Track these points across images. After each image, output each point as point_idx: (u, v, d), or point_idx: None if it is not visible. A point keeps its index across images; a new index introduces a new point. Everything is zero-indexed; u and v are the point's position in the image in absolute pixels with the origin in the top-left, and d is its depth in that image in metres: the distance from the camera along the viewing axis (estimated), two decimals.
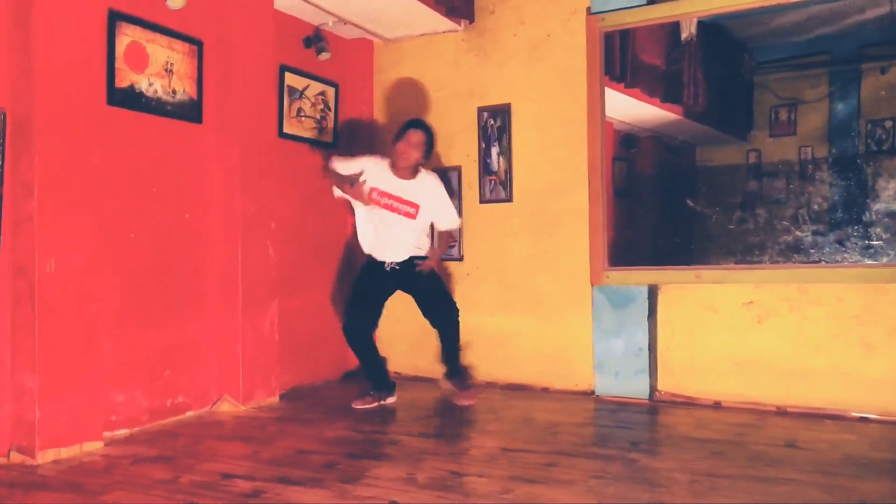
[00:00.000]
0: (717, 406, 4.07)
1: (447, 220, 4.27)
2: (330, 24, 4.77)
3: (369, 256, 4.19)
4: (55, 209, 3.09)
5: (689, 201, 4.47)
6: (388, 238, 4.11)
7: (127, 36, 3.56)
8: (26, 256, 3.02)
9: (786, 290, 3.99)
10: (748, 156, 4.79)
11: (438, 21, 4.78)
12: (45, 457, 3.02)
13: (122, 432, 3.50)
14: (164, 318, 3.76)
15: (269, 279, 4.22)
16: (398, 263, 4.11)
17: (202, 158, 3.99)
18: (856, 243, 3.95)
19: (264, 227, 4.19)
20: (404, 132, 4.08)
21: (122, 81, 3.55)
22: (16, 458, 3.02)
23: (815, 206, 4.29)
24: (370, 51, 5.20)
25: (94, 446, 3.22)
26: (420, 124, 4.16)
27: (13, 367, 3.05)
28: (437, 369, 4.87)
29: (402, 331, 4.99)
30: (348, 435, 3.45)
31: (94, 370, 3.26)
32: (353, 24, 4.80)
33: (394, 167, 4.11)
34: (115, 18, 3.50)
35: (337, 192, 4.21)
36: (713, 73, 4.91)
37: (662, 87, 5.29)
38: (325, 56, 4.74)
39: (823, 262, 3.94)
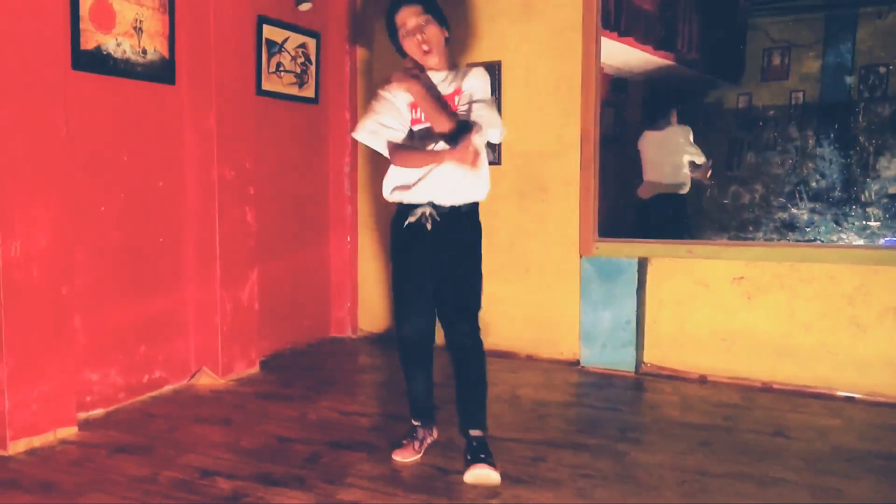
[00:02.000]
0: (702, 380, 4.05)
1: (483, 120, 2.70)
2: None
3: (399, 210, 2.84)
4: (17, 189, 2.90)
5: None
6: (428, 173, 2.72)
7: None
8: None
9: (777, 268, 3.91)
10: (738, 100, 4.67)
11: None
12: (16, 447, 2.93)
13: (98, 412, 3.41)
14: (139, 293, 3.62)
15: (247, 247, 4.08)
16: (440, 210, 2.76)
17: (176, 122, 3.78)
18: (847, 203, 3.89)
19: (242, 193, 4.02)
20: (394, 19, 2.74)
21: (87, 43, 3.31)
22: None
23: (807, 158, 4.20)
24: None
25: (69, 432, 3.13)
26: (407, 1, 2.73)
27: None
28: None
29: (385, 294, 4.91)
30: (331, 418, 3.38)
31: (66, 353, 3.13)
32: None
33: (420, 70, 2.78)
34: None
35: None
36: (707, 16, 4.75)
37: (656, 34, 5.13)
38: (305, 6, 4.47)
39: (818, 242, 3.86)
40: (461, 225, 2.80)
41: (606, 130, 4.66)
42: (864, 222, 4.10)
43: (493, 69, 4.52)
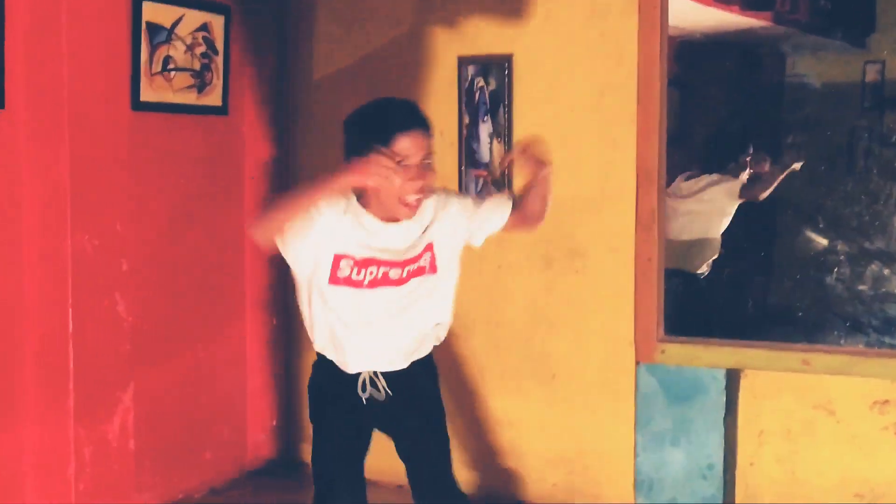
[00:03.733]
0: None
1: (497, 207, 2.33)
2: None
3: (327, 364, 2.32)
4: None
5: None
6: (374, 332, 2.25)
7: None
8: None
9: None
10: (865, 70, 3.59)
11: None
12: None
13: None
14: None
15: (119, 353, 2.97)
16: (390, 378, 2.28)
17: (7, 168, 2.80)
18: None
19: (110, 272, 2.95)
20: (389, 144, 2.03)
21: None
22: None
23: None
24: None
25: None
26: (416, 116, 2.12)
27: None
28: (393, 467, 3.44)
29: None
30: None
31: None
32: None
33: (371, 208, 2.16)
34: None
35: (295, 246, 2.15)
36: None
37: None
38: None
39: None
40: (418, 380, 2.37)
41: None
42: None
43: (502, 67, 3.31)
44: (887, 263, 2.87)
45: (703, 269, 3.49)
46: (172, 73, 3.06)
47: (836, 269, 3.02)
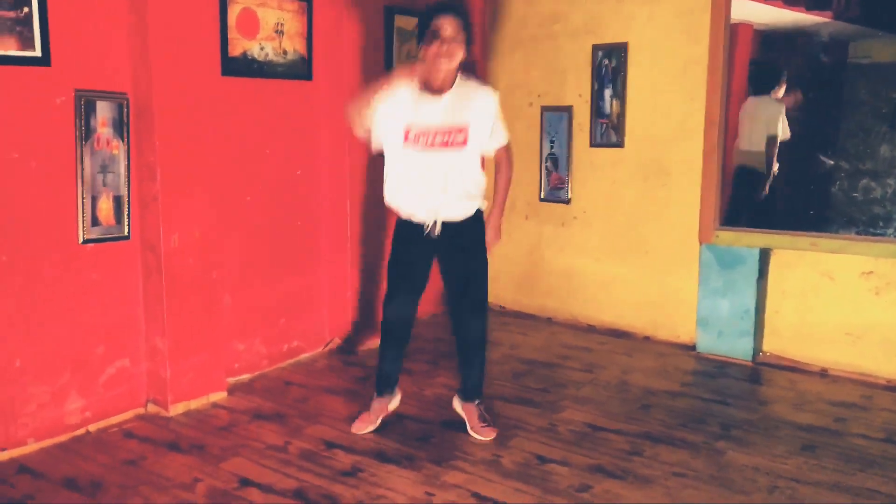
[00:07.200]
0: (823, 374, 4.00)
1: (497, 140, 3.11)
2: None
3: (402, 219, 3.13)
4: (176, 188, 3.31)
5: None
6: (429, 187, 3.00)
7: (238, 4, 3.63)
8: (153, 234, 3.30)
9: None
10: None
11: None
12: (175, 409, 3.41)
13: (245, 377, 3.86)
14: (280, 271, 4.01)
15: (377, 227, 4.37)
16: (446, 225, 3.04)
17: (313, 115, 4.09)
18: None
19: (371, 178, 4.27)
20: (431, 24, 2.87)
21: (234, 50, 3.65)
22: (152, 409, 3.43)
23: None
24: None
25: (219, 396, 3.59)
26: (448, 6, 2.92)
27: (147, 331, 3.40)
28: (541, 305, 5.00)
29: (509, 267, 5.09)
30: (445, 395, 3.65)
31: (217, 328, 3.58)
32: None
33: (426, 83, 2.95)
34: None
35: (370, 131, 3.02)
36: None
37: None
38: None
39: None
40: (467, 229, 3.09)
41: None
42: None
43: (620, 51, 4.52)
44: (874, 178, 3.94)
45: (774, 167, 4.32)
46: (413, 60, 4.72)
47: (837, 182, 4.11)
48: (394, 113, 2.92)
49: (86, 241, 3.16)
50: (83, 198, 3.12)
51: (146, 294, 3.37)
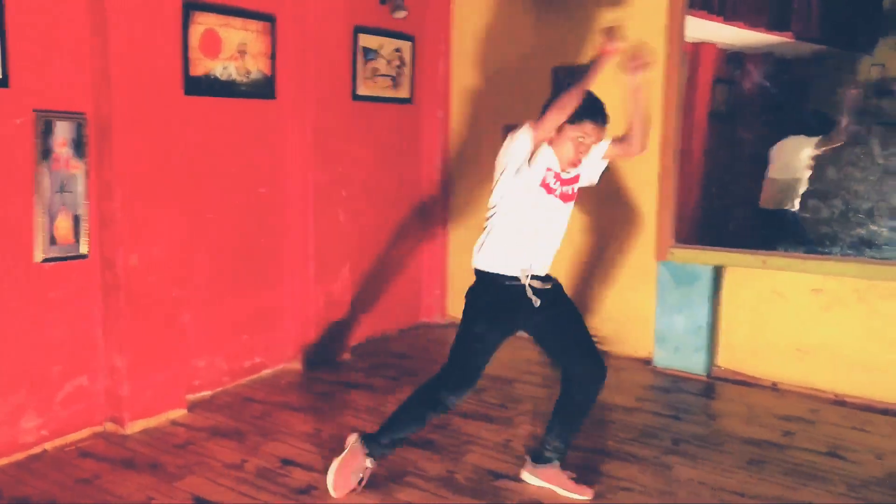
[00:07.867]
0: (774, 388, 4.11)
1: (599, 149, 2.91)
2: None
3: (498, 278, 2.75)
4: (135, 207, 3.34)
5: None
6: (542, 241, 2.78)
7: (200, 24, 3.67)
8: (112, 252, 3.32)
9: (855, 282, 3.88)
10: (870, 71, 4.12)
11: None
12: (133, 427, 3.42)
13: (205, 394, 3.88)
14: (243, 288, 4.04)
15: (340, 245, 4.43)
16: (541, 281, 2.78)
17: (276, 133, 4.14)
18: None
19: (335, 196, 4.37)
20: (583, 119, 2.72)
21: (196, 70, 3.69)
22: (110, 427, 3.44)
23: None
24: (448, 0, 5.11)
25: (178, 413, 3.61)
26: (603, 114, 2.79)
27: (105, 348, 3.41)
28: None
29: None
30: None
31: (177, 345, 3.60)
32: None
33: (562, 161, 2.76)
34: (189, 9, 3.59)
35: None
36: None
37: (767, 15, 4.86)
38: (400, 14, 4.68)
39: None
40: (558, 289, 2.89)
41: (718, 107, 4.64)
42: None
43: (584, 73, 4.58)
44: (822, 199, 4.07)
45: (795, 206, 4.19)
46: (377, 77, 4.63)
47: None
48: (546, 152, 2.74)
49: (44, 261, 3.18)
50: (41, 217, 3.14)
51: (105, 312, 3.39)
